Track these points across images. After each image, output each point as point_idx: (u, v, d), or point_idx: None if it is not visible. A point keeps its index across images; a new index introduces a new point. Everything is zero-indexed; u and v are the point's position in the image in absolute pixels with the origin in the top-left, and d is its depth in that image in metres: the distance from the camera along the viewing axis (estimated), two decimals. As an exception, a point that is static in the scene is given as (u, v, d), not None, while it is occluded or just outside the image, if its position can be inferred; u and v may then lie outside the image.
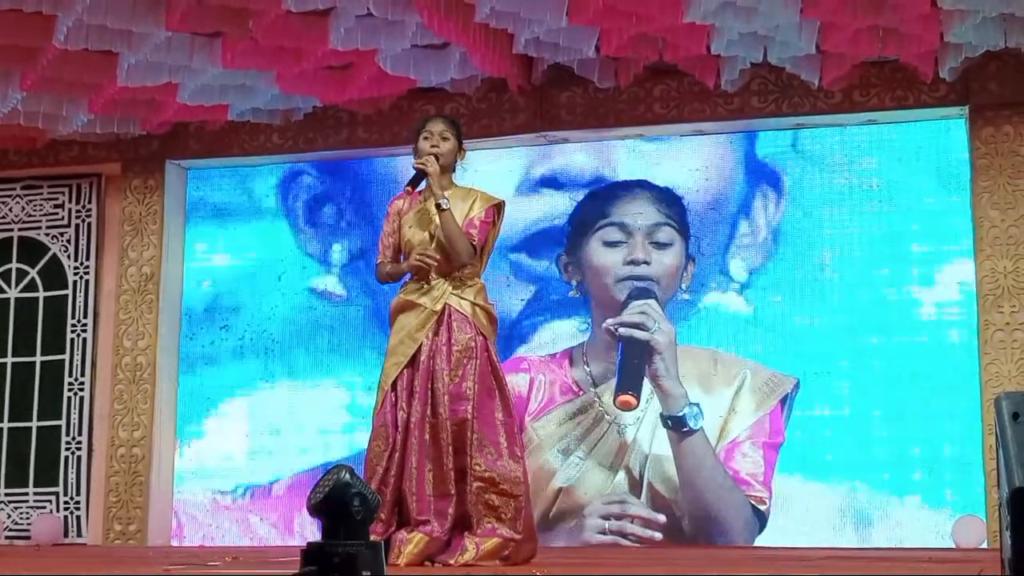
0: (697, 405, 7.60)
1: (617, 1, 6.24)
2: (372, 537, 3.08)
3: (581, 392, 7.84)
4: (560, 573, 4.49)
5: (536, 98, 8.03)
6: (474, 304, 4.99)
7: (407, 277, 5.11)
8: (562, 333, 7.98)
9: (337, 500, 2.94)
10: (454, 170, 5.11)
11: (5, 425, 8.77)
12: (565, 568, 4.86)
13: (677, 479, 7.57)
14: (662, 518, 7.56)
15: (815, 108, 7.70)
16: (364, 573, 2.84)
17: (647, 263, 7.82)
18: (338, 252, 8.44)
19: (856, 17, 6.41)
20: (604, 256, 7.90)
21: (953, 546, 7.07)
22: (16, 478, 8.69)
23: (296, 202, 8.58)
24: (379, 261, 5.15)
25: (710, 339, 7.78)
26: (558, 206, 8.10)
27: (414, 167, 5.01)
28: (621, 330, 7.73)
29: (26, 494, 8.66)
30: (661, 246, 7.86)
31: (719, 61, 7.27)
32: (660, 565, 5.30)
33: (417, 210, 5.09)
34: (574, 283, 7.97)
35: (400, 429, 4.90)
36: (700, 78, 7.50)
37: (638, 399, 7.65)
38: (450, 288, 4.98)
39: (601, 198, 8.04)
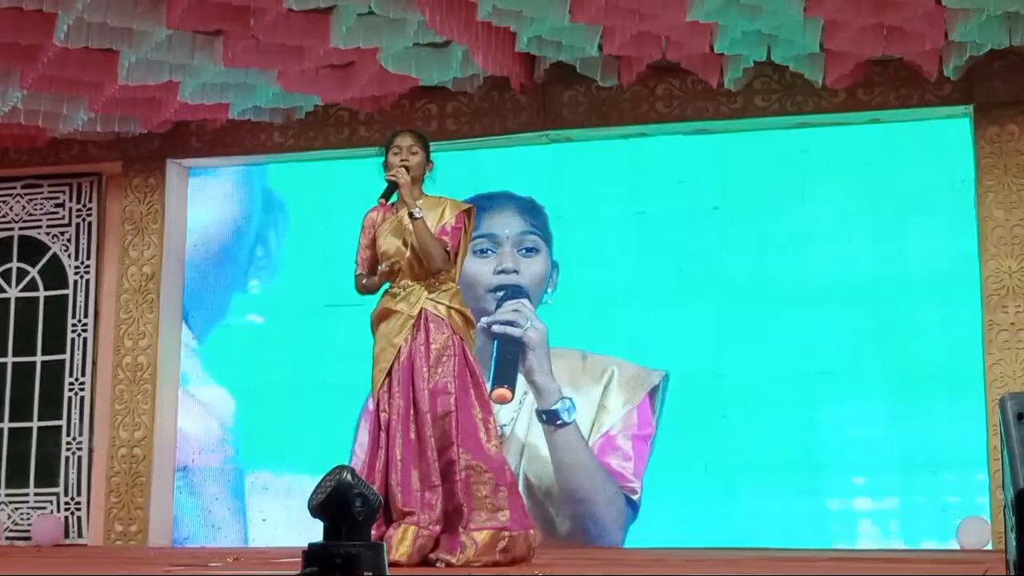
0: (570, 399, 7.83)
1: (620, -1, 6.23)
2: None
3: None
4: (560, 573, 4.49)
5: (538, 97, 8.02)
6: (449, 307, 5.21)
7: (385, 286, 5.30)
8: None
9: (339, 500, 2.93)
10: (423, 181, 5.32)
11: (5, 425, 8.75)
12: (566, 568, 4.86)
13: (552, 473, 7.78)
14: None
15: (819, 107, 7.68)
16: (366, 574, 2.83)
17: (516, 271, 8.05)
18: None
19: (860, 15, 6.39)
20: (475, 266, 8.01)
21: (957, 547, 7.05)
22: (16, 478, 8.67)
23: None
24: (357, 273, 5.34)
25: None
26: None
27: (386, 180, 5.21)
28: (495, 328, 7.93)
29: (26, 494, 8.64)
30: (529, 252, 8.07)
31: (722, 59, 7.25)
32: (656, 565, 5.29)
33: (391, 221, 5.28)
34: None
35: (383, 429, 5.07)
36: (703, 77, 7.48)
37: (513, 392, 7.87)
38: (426, 293, 5.19)
39: None
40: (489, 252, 8.08)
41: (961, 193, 7.55)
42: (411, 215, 5.12)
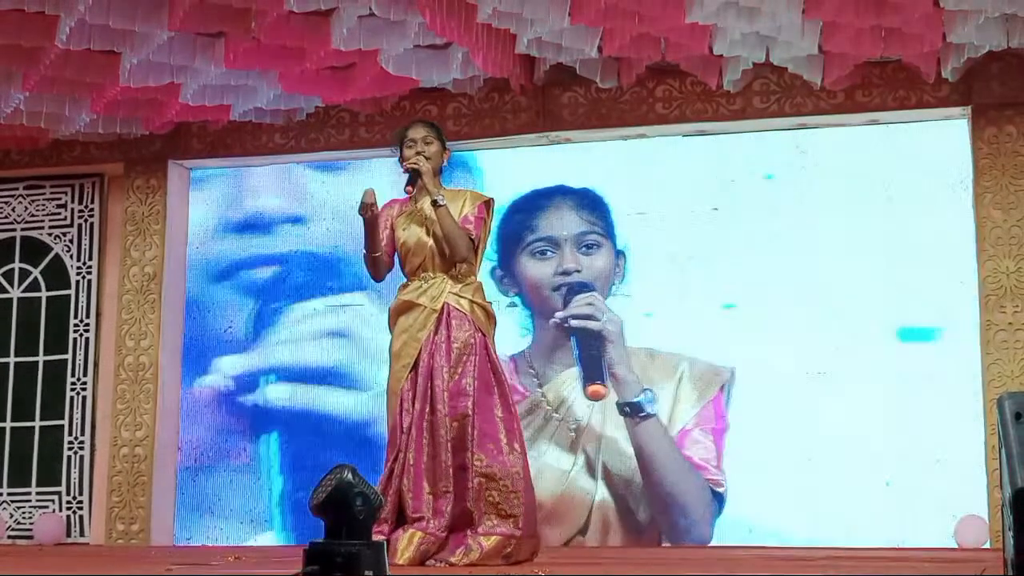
0: (651, 390, 7.72)
1: (619, 1, 6.24)
2: (375, 537, 3.09)
3: (528, 394, 7.90)
4: (561, 573, 4.50)
5: (538, 98, 8.04)
6: (472, 302, 5.07)
7: (404, 279, 5.20)
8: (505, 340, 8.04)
9: (339, 499, 2.95)
10: (441, 171, 5.20)
11: (8, 424, 8.77)
12: (565, 568, 4.87)
13: (632, 463, 7.69)
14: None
15: (817, 108, 7.70)
16: (366, 572, 2.85)
17: (579, 271, 7.95)
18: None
19: (858, 17, 6.41)
20: (536, 268, 7.99)
21: (955, 546, 7.07)
22: (18, 478, 8.69)
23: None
24: (374, 255, 5.16)
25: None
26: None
27: (405, 169, 5.10)
28: (573, 322, 7.85)
29: (28, 494, 8.67)
30: (590, 249, 7.98)
31: (721, 61, 7.27)
32: (656, 565, 5.31)
33: (409, 212, 5.17)
34: (512, 294, 8.00)
35: (404, 431, 4.95)
36: (702, 78, 7.50)
37: (607, 387, 7.76)
38: (448, 287, 5.06)
39: (524, 210, 8.08)
40: (548, 253, 8.01)
41: (959, 194, 7.57)
42: (435, 203, 5.00)
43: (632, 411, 7.73)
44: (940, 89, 7.49)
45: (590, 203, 8.07)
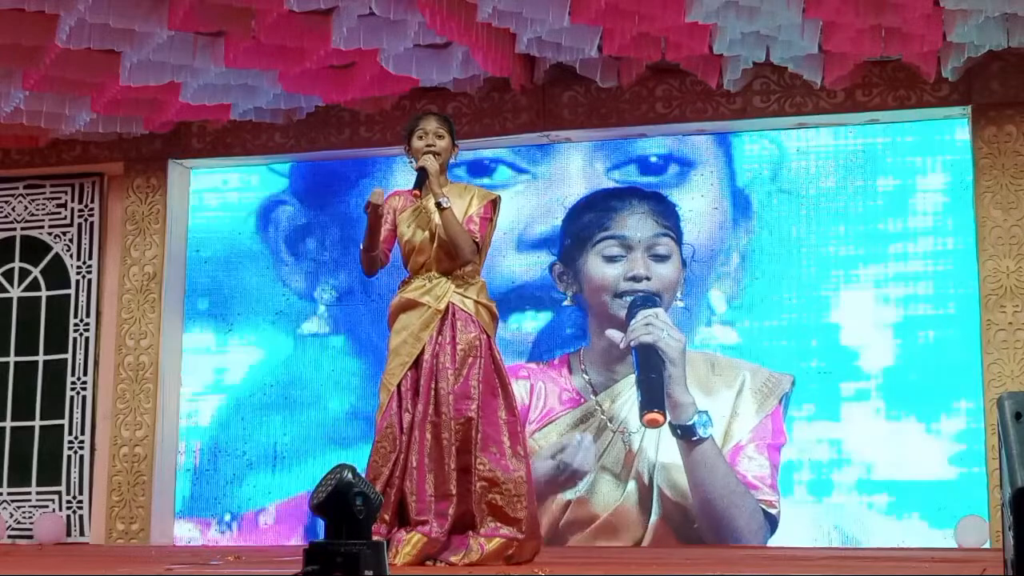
0: (705, 412, 7.57)
1: (619, 1, 6.24)
2: (375, 537, 3.09)
3: (582, 400, 7.83)
4: (561, 573, 4.50)
5: (538, 97, 8.04)
6: (477, 302, 5.00)
7: (406, 274, 5.13)
8: (556, 338, 7.97)
9: (340, 499, 2.95)
10: (447, 168, 5.11)
11: (8, 424, 8.77)
12: (566, 568, 4.86)
13: (688, 486, 7.55)
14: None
15: (817, 108, 7.70)
16: (366, 572, 2.85)
17: (648, 279, 7.80)
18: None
19: (859, 17, 6.41)
20: (603, 270, 7.87)
21: (955, 546, 7.07)
22: (19, 477, 8.69)
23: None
24: (364, 248, 5.07)
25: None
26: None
27: (416, 168, 5.00)
28: (633, 343, 7.67)
29: (29, 493, 8.67)
30: (660, 259, 7.85)
31: (721, 61, 7.28)
32: (657, 565, 5.30)
33: (414, 208, 5.08)
34: (569, 293, 7.94)
35: (405, 431, 4.89)
36: (702, 78, 7.50)
37: (664, 415, 7.58)
38: (453, 286, 4.98)
39: (596, 208, 8.02)
40: (619, 258, 7.84)
41: (959, 193, 7.57)
42: (439, 205, 4.91)
43: (685, 434, 7.56)
44: (940, 89, 7.50)
45: (664, 212, 7.90)
